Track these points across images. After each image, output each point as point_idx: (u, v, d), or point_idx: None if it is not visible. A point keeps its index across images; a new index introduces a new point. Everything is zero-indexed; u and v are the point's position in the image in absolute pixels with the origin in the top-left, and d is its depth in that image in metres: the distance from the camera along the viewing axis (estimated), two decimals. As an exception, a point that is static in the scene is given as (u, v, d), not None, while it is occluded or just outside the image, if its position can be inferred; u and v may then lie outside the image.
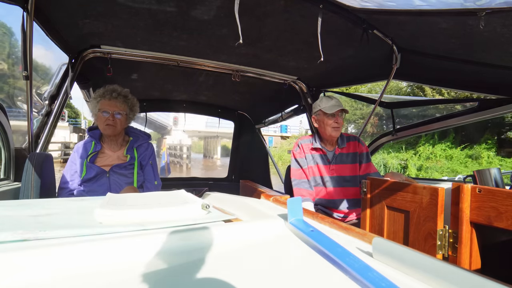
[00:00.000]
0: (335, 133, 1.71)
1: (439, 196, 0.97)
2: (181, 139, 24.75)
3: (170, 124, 25.43)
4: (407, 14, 1.26)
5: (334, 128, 1.70)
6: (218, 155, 26.97)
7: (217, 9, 1.36)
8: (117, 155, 1.55)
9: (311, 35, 1.35)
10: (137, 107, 1.65)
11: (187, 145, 23.52)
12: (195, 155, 28.73)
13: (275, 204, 0.85)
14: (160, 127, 25.64)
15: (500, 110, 1.62)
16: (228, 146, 26.86)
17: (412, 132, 2.21)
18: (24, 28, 1.25)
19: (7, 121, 1.45)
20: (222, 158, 25.37)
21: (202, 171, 20.54)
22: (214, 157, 27.66)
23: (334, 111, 1.67)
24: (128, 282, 0.37)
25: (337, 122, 1.69)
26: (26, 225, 0.54)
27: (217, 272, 0.41)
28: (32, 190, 1.35)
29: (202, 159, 28.37)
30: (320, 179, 1.75)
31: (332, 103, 1.70)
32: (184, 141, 24.61)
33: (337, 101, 1.72)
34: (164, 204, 0.71)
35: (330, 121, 1.69)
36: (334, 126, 1.69)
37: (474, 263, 0.92)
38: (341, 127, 1.72)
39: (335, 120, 1.69)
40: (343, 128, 1.78)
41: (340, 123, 1.71)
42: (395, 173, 1.40)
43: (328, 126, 1.71)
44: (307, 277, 0.40)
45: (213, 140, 28.41)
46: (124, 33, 1.66)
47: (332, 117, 1.69)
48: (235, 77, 2.19)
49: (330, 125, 1.70)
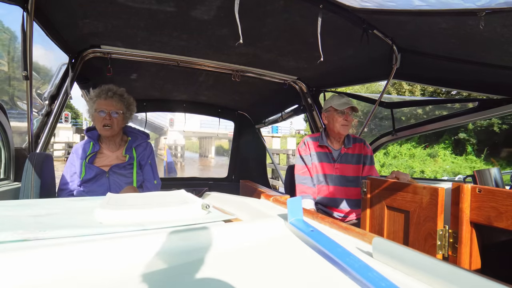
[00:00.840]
0: (344, 131, 1.73)
1: (439, 196, 0.97)
2: (176, 139, 26.43)
3: (167, 125, 26.54)
4: (407, 14, 1.26)
5: (343, 125, 1.72)
6: (212, 154, 29.12)
7: (217, 9, 1.36)
8: (116, 155, 1.55)
9: (311, 35, 1.35)
10: (133, 106, 1.64)
11: (181, 144, 25.20)
12: (192, 154, 32.23)
13: (275, 204, 0.85)
14: (157, 128, 27.00)
15: (500, 110, 1.62)
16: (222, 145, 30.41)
17: (412, 132, 2.21)
18: (24, 28, 1.25)
19: (7, 121, 1.45)
20: (216, 157, 27.62)
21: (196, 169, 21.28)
22: (209, 156, 29.63)
23: (344, 108, 1.70)
24: (128, 282, 0.37)
25: (346, 119, 1.72)
26: (26, 225, 0.54)
27: (217, 272, 0.41)
28: (32, 190, 1.35)
29: (198, 158, 30.43)
30: (323, 177, 1.76)
31: (343, 101, 1.73)
32: (178, 141, 26.45)
33: (348, 99, 1.75)
34: (164, 204, 0.71)
35: (340, 118, 1.72)
36: (343, 123, 1.72)
37: (474, 263, 0.92)
38: (350, 125, 1.74)
39: (345, 118, 1.71)
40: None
41: (349, 121, 1.73)
42: (401, 172, 1.41)
43: (337, 123, 1.73)
44: (307, 277, 0.40)
45: (207, 140, 30.25)
46: (124, 33, 1.66)
47: (342, 114, 1.72)
48: (235, 77, 2.19)
49: (340, 122, 1.72)
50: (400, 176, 1.37)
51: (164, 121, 26.57)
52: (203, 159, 29.82)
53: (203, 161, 27.98)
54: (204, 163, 26.12)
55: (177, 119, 23.81)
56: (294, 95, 2.55)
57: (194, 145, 36.95)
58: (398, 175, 1.38)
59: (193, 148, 37.01)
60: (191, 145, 37.22)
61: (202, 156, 31.66)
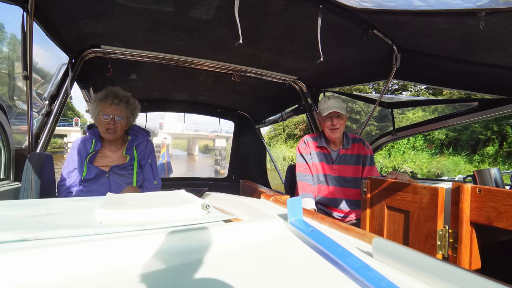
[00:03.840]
0: (333, 135, 1.70)
1: (439, 196, 0.96)
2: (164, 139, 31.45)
3: (157, 128, 32.09)
4: (407, 14, 1.26)
5: (331, 129, 1.69)
6: (196, 152, 36.62)
7: (217, 9, 1.36)
8: (117, 156, 1.55)
9: (311, 35, 1.35)
10: (138, 110, 1.65)
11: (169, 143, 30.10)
12: (180, 152, 40.11)
13: (275, 204, 0.85)
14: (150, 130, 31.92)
15: (500, 110, 1.62)
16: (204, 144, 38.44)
17: (412, 132, 2.21)
18: (24, 28, 1.25)
19: (7, 121, 1.45)
20: (200, 154, 35.14)
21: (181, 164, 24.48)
22: (194, 154, 36.82)
23: (326, 113, 1.67)
24: (128, 282, 0.37)
25: (333, 124, 1.67)
26: (26, 225, 0.54)
27: (217, 272, 0.41)
28: (32, 190, 1.35)
29: (186, 155, 37.67)
30: (323, 177, 1.75)
31: (328, 105, 1.68)
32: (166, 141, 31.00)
33: (334, 102, 1.69)
34: (164, 204, 0.71)
35: (327, 123, 1.69)
36: (331, 127, 1.69)
37: (474, 263, 0.92)
38: (340, 128, 1.70)
39: (331, 122, 1.68)
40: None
41: (336, 125, 1.68)
42: (399, 173, 1.41)
43: (326, 128, 1.71)
44: (307, 277, 0.40)
45: (193, 140, 38.24)
46: (124, 33, 1.66)
47: (328, 119, 1.69)
48: (235, 77, 2.19)
49: (328, 127, 1.70)
50: (399, 177, 1.37)
51: (154, 124, 31.64)
52: (190, 156, 36.88)
53: (189, 157, 34.63)
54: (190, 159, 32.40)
55: (166, 123, 32.98)
56: (294, 95, 2.55)
57: (183, 144, 45.42)
58: (397, 176, 1.38)
59: (181, 147, 45.68)
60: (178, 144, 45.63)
61: (189, 154, 38.88)
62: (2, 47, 2.17)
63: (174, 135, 34.65)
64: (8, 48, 2.13)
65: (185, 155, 38.64)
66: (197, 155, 35.03)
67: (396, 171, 1.42)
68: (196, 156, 34.81)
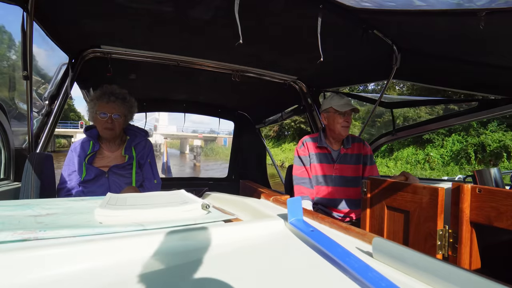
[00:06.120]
0: (344, 132, 1.72)
1: (439, 196, 0.96)
2: (156, 140, 37.61)
3: (152, 130, 36.26)
4: (407, 14, 1.26)
5: (343, 127, 1.71)
6: (187, 151, 41.31)
7: (217, 9, 1.35)
8: (115, 156, 1.54)
9: (311, 35, 1.35)
10: (135, 107, 1.64)
11: (161, 143, 35.34)
12: (174, 151, 45.25)
13: (275, 204, 0.85)
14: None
15: (500, 110, 1.62)
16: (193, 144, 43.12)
17: (412, 132, 2.21)
18: (24, 28, 1.25)
19: (7, 121, 1.45)
20: (189, 152, 38.66)
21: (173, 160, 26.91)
22: (185, 152, 41.72)
23: (346, 109, 1.69)
24: (128, 282, 0.37)
25: (347, 121, 1.71)
26: (26, 225, 0.54)
27: (217, 272, 0.41)
28: (32, 190, 1.35)
29: (179, 154, 43.08)
30: (322, 177, 1.75)
31: (344, 101, 1.71)
32: (159, 141, 37.56)
33: (349, 100, 1.74)
34: (164, 204, 0.71)
35: (341, 119, 1.70)
36: (344, 125, 1.71)
37: (474, 263, 0.92)
38: (349, 126, 1.74)
39: (345, 119, 1.70)
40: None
41: (349, 122, 1.72)
42: (411, 174, 1.41)
43: (338, 124, 1.71)
44: (307, 277, 0.40)
45: (184, 140, 43.91)
46: (124, 33, 1.66)
47: (343, 116, 1.71)
48: (235, 77, 2.19)
49: (341, 124, 1.71)
50: (410, 177, 1.38)
51: (149, 126, 36.04)
52: (182, 154, 42.17)
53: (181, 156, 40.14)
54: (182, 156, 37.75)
55: (160, 125, 41.55)
56: (294, 95, 2.55)
57: (176, 143, 51.37)
58: (408, 176, 1.39)
59: (174, 146, 51.25)
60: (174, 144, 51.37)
61: (181, 152, 44.36)
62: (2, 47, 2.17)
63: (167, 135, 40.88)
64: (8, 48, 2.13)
65: (178, 153, 44.34)
66: (187, 153, 40.03)
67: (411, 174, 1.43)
68: (187, 154, 40.03)
